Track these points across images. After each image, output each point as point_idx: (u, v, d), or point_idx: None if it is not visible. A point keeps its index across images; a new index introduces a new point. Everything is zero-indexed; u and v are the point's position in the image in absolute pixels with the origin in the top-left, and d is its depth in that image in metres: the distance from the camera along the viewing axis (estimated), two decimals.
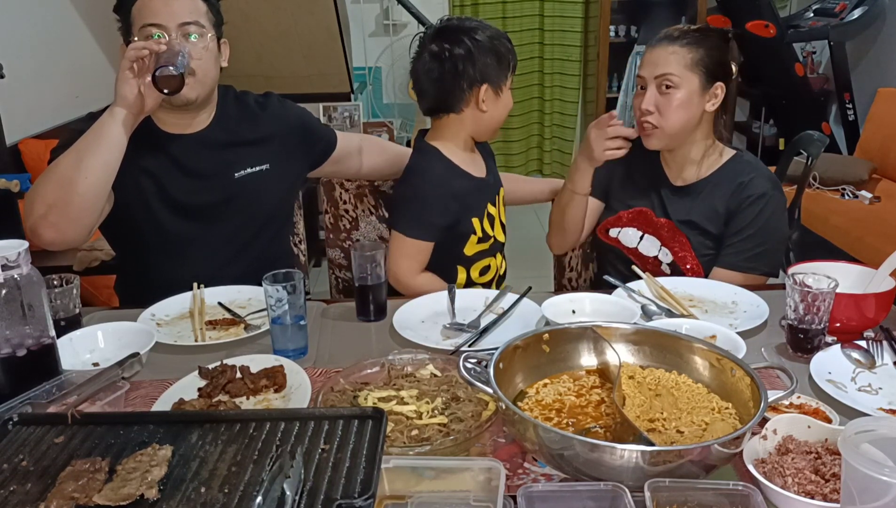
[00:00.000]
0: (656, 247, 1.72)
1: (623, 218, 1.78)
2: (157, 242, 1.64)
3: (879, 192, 3.77)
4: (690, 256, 1.69)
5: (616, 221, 1.79)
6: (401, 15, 4.91)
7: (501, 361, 1.04)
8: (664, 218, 1.72)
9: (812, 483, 0.89)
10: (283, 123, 1.75)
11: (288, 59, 4.06)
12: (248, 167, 1.68)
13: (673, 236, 1.70)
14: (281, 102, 1.79)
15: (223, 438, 0.92)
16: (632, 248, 1.76)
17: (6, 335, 1.08)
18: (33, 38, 3.27)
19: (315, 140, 1.83)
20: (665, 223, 1.72)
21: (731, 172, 1.69)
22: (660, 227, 1.72)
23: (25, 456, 0.90)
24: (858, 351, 1.25)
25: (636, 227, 1.76)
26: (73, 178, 1.42)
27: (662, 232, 1.72)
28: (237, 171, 1.67)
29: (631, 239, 1.76)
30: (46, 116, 3.31)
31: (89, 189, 1.43)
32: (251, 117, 1.71)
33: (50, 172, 1.46)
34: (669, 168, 1.74)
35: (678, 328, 1.26)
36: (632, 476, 0.85)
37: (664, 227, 1.72)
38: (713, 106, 1.65)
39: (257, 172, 1.69)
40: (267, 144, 1.71)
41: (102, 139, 1.44)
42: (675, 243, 1.71)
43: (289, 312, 1.29)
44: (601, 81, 5.34)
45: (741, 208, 1.65)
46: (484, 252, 1.79)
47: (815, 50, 5.10)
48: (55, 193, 1.43)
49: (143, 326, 1.38)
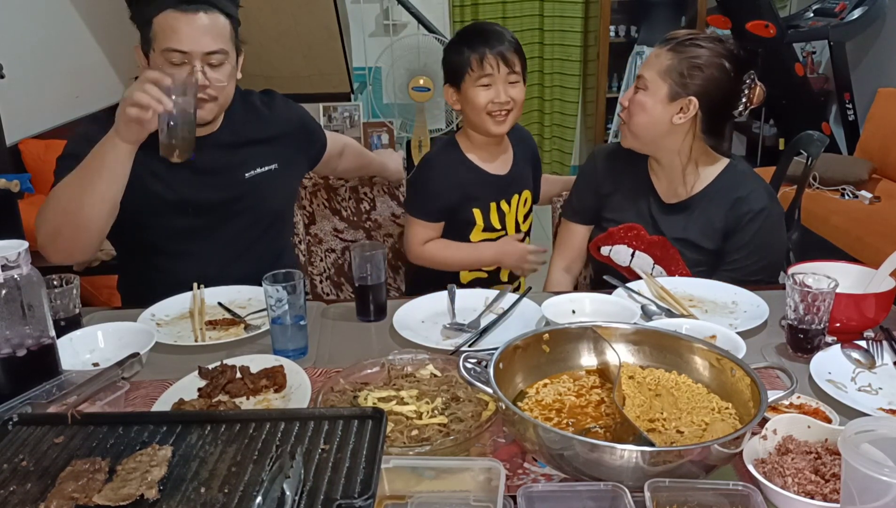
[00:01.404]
0: (649, 265, 1.68)
1: (614, 236, 1.73)
2: (164, 243, 1.64)
3: (879, 192, 3.77)
4: (683, 272, 1.65)
5: (607, 238, 1.75)
6: (401, 15, 4.91)
7: (501, 361, 1.04)
8: (657, 235, 1.68)
9: (812, 483, 0.89)
10: (288, 123, 1.76)
11: (288, 59, 4.06)
12: (257, 167, 1.68)
13: (665, 253, 1.67)
14: (285, 101, 1.80)
15: (223, 438, 0.92)
16: (624, 266, 1.72)
17: (6, 335, 1.08)
18: (33, 39, 3.27)
19: (314, 139, 1.84)
20: (658, 240, 1.67)
21: (725, 184, 1.64)
22: (652, 244, 1.68)
23: (25, 456, 0.90)
24: (858, 351, 1.25)
25: (627, 244, 1.72)
26: (76, 210, 1.43)
27: (655, 250, 1.68)
28: (247, 171, 1.67)
29: (623, 257, 1.72)
30: (46, 116, 3.30)
31: (93, 220, 1.44)
32: (258, 117, 1.71)
33: (54, 199, 1.46)
34: (659, 184, 1.70)
35: (678, 328, 1.26)
36: (632, 476, 0.85)
37: (657, 244, 1.68)
38: (680, 120, 1.58)
39: (266, 172, 1.69)
40: (274, 143, 1.71)
41: (104, 171, 1.43)
42: (668, 260, 1.67)
43: (289, 312, 1.29)
44: (601, 81, 5.34)
45: (740, 226, 1.61)
46: None
47: (815, 50, 5.10)
48: (60, 222, 1.44)
49: (143, 326, 1.38)
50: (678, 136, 1.61)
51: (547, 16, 5.40)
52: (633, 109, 1.61)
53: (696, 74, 1.55)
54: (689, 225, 1.65)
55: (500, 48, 1.71)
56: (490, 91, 1.72)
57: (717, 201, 1.63)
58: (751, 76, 1.59)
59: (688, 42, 1.57)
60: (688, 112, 1.57)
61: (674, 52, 1.57)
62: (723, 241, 1.64)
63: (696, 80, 1.56)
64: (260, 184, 1.68)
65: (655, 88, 1.58)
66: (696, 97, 1.56)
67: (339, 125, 4.31)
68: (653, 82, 1.58)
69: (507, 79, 1.73)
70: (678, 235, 1.66)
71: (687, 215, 1.66)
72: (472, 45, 1.72)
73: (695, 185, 1.65)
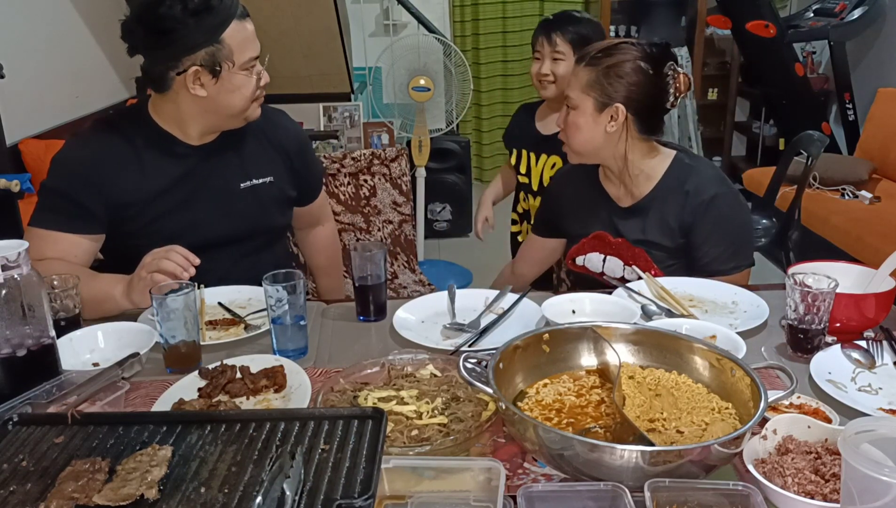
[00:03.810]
0: (620, 267, 1.69)
1: (585, 246, 1.76)
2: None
3: (879, 192, 3.77)
4: (654, 270, 1.65)
5: (579, 249, 1.77)
6: (401, 15, 4.91)
7: (501, 361, 1.05)
8: (620, 238, 1.70)
9: (812, 483, 0.89)
10: (289, 142, 1.74)
11: (288, 59, 4.06)
12: (253, 179, 1.67)
13: (632, 253, 1.68)
14: (291, 120, 1.80)
15: (223, 438, 0.93)
16: (598, 273, 1.74)
17: (6, 335, 1.08)
18: (33, 39, 3.27)
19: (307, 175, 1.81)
20: (621, 243, 1.69)
21: (673, 180, 1.64)
22: (618, 247, 1.70)
23: (25, 456, 0.90)
24: (858, 351, 1.25)
25: (598, 251, 1.73)
26: None
27: (622, 251, 1.69)
28: (242, 182, 1.66)
29: (595, 264, 1.74)
30: (46, 116, 3.30)
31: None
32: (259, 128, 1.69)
33: None
34: (612, 190, 1.72)
35: (678, 328, 1.26)
36: (632, 476, 0.85)
37: (622, 246, 1.69)
38: (612, 128, 1.59)
39: (260, 185, 1.68)
40: (271, 156, 1.71)
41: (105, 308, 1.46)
42: (636, 259, 1.68)
43: (289, 312, 1.29)
44: None
45: (696, 219, 1.61)
46: (521, 184, 2.35)
47: (815, 50, 5.10)
48: None
49: (143, 326, 1.38)
50: (615, 142, 1.63)
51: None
52: (568, 130, 1.65)
53: (616, 81, 1.57)
54: (646, 227, 1.67)
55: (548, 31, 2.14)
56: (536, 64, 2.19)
57: (669, 199, 1.64)
58: (671, 67, 1.60)
59: (601, 53, 1.59)
60: (618, 118, 1.59)
61: (590, 66, 1.59)
62: (682, 238, 1.64)
63: (617, 87, 1.57)
64: (255, 196, 1.67)
65: (583, 105, 1.60)
66: (621, 104, 1.58)
67: (339, 125, 4.32)
68: (578, 100, 1.60)
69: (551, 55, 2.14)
70: (637, 236, 1.67)
71: (643, 218, 1.67)
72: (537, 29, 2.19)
73: (645, 184, 1.67)
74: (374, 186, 2.19)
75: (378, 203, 2.21)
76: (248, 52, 1.53)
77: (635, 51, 1.57)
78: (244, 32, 1.52)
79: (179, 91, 1.52)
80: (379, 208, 2.21)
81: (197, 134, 1.61)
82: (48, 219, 1.55)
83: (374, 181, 2.18)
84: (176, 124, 1.59)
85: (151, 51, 1.50)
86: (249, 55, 1.53)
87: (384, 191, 2.19)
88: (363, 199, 2.20)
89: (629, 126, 1.60)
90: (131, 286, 1.42)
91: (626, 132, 1.61)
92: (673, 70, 1.59)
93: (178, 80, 1.50)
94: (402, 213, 2.29)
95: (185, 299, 1.24)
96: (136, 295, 1.41)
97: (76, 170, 1.55)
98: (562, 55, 2.11)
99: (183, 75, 1.49)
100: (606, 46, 1.60)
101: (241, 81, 1.53)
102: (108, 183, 1.55)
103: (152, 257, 1.39)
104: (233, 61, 1.50)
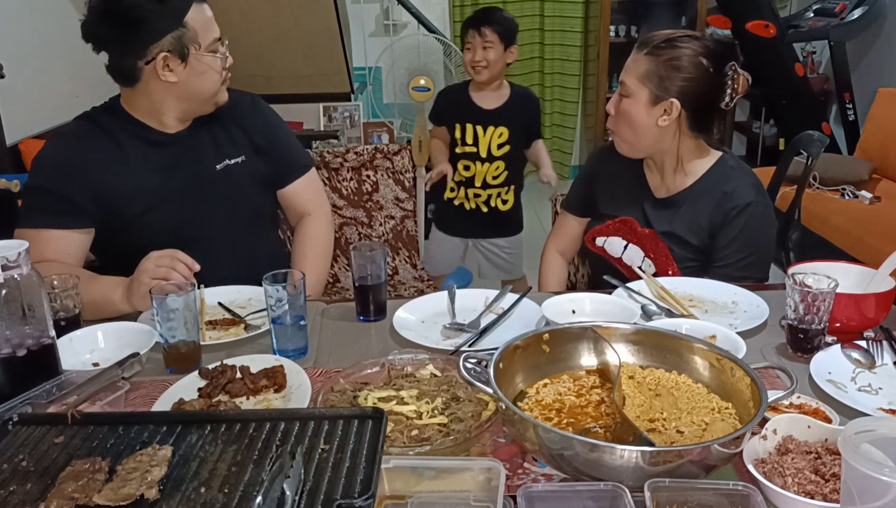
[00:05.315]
0: (640, 257, 1.70)
1: (609, 227, 1.76)
2: (151, 248, 1.62)
3: (879, 192, 3.77)
4: (672, 267, 1.66)
5: (603, 229, 1.77)
6: (401, 15, 4.91)
7: (501, 361, 1.04)
8: (648, 228, 1.70)
9: (812, 483, 0.88)
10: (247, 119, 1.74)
11: (288, 59, 4.06)
12: (226, 159, 1.69)
13: (655, 246, 1.68)
14: (265, 104, 1.81)
15: (223, 438, 0.92)
16: (616, 257, 1.74)
17: (6, 335, 1.08)
18: (33, 39, 3.27)
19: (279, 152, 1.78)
20: (648, 233, 1.69)
21: (714, 180, 1.64)
22: (643, 237, 1.70)
23: (25, 456, 0.90)
24: (858, 351, 1.25)
25: (621, 236, 1.74)
26: None
27: (645, 242, 1.70)
28: (217, 163, 1.68)
29: (616, 248, 1.74)
30: (46, 116, 3.30)
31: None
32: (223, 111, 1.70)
33: None
34: (652, 180, 1.72)
35: (678, 328, 1.26)
36: (632, 476, 0.85)
37: (647, 237, 1.69)
38: (665, 122, 1.58)
39: (234, 165, 1.70)
40: (238, 135, 1.72)
41: (104, 311, 1.46)
42: (658, 253, 1.68)
43: (289, 312, 1.29)
44: (601, 81, 5.34)
45: (727, 221, 1.61)
46: (465, 154, 2.76)
47: (815, 50, 5.11)
48: None
49: (143, 326, 1.38)
50: (666, 137, 1.62)
51: (547, 16, 5.40)
52: (619, 119, 1.63)
53: (675, 75, 1.56)
54: (675, 220, 1.67)
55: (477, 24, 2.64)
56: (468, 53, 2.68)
57: (704, 197, 1.64)
58: (732, 67, 1.58)
59: (664, 44, 1.57)
60: (671, 114, 1.58)
61: (651, 55, 1.57)
62: (709, 238, 1.65)
63: (675, 81, 1.56)
64: (231, 176, 1.69)
65: (637, 94, 1.58)
66: (676, 99, 1.56)
67: (339, 125, 4.32)
68: (634, 88, 1.59)
69: (482, 45, 2.63)
70: (665, 229, 1.67)
71: (675, 211, 1.67)
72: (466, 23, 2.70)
73: (685, 179, 1.67)
74: (376, 182, 2.21)
75: (380, 198, 2.23)
76: (211, 33, 1.57)
77: (699, 46, 1.55)
78: (205, 15, 1.56)
79: (150, 81, 1.54)
80: (381, 203, 2.24)
81: (173, 122, 1.63)
82: (35, 218, 1.55)
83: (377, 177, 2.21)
84: (151, 115, 1.61)
85: (119, 44, 1.52)
86: (213, 36, 1.57)
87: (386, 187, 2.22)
88: (365, 194, 2.22)
89: (681, 122, 1.59)
90: (131, 291, 1.42)
91: (679, 128, 1.60)
92: (734, 70, 1.58)
93: (148, 69, 1.53)
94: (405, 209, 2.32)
95: (185, 299, 1.24)
96: (136, 300, 1.42)
97: (58, 165, 1.56)
98: (490, 43, 2.61)
99: (152, 64, 1.52)
100: (670, 37, 1.57)
101: (210, 61, 1.57)
102: (94, 175, 1.56)
103: (153, 262, 1.39)
104: (199, 43, 1.54)
